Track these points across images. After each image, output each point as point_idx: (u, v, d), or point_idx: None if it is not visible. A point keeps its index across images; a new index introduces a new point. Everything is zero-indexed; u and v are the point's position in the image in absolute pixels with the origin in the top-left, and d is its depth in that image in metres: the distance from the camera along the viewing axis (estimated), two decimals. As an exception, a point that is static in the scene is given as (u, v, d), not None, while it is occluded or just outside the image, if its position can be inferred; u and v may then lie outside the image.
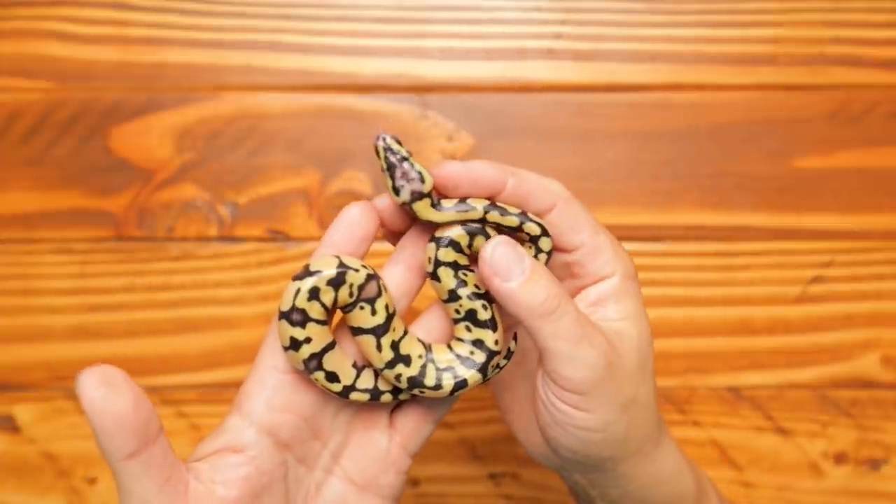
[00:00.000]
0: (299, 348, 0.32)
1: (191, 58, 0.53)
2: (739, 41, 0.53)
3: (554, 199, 0.34)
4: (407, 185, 0.32)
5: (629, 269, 0.35)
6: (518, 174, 0.34)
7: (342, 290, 0.32)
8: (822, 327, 0.53)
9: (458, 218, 0.33)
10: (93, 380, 0.30)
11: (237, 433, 0.33)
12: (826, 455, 0.54)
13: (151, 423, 0.30)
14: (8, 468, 0.53)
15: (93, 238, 0.53)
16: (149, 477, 0.31)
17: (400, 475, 0.36)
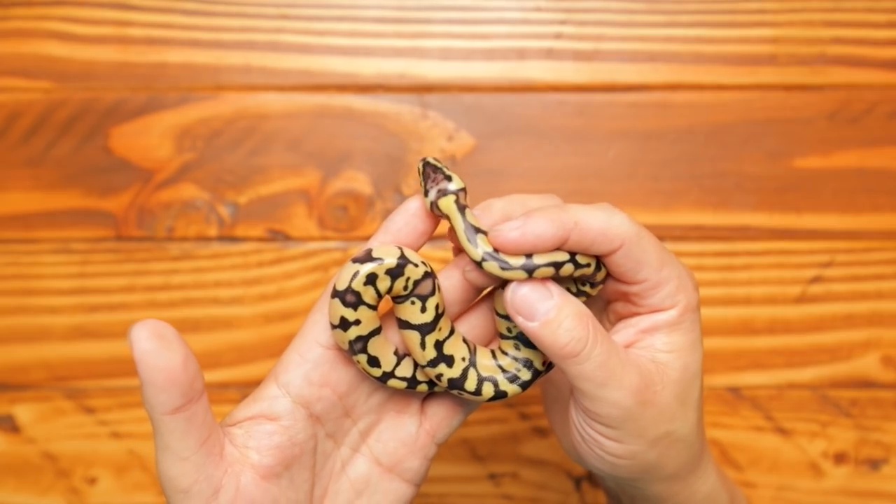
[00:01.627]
0: (348, 329, 0.32)
1: (191, 58, 0.53)
2: (739, 41, 0.53)
3: (619, 242, 0.32)
4: (435, 186, 0.33)
5: (691, 302, 0.34)
6: (579, 223, 0.32)
7: (398, 281, 0.32)
8: (822, 327, 0.53)
9: (461, 244, 0.33)
10: (145, 332, 0.30)
11: (273, 402, 0.33)
12: (826, 455, 0.54)
13: (197, 380, 0.31)
14: (8, 468, 0.53)
15: (93, 238, 0.53)
16: (189, 434, 0.31)
17: (425, 462, 0.36)
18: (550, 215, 0.32)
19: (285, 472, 0.34)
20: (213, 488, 0.32)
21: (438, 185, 0.33)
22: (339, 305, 0.32)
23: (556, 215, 0.32)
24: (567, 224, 0.32)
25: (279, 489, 0.33)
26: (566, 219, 0.32)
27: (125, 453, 0.53)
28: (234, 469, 0.33)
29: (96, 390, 0.53)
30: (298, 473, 0.34)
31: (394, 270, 0.32)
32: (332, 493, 0.35)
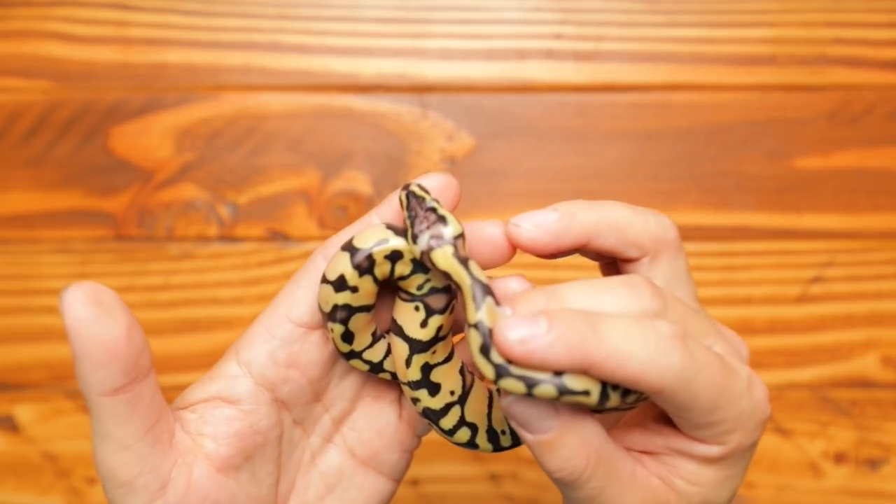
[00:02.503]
0: (341, 290, 0.28)
1: (191, 58, 0.53)
2: (739, 41, 0.53)
3: (658, 388, 0.26)
4: (426, 229, 0.28)
5: (743, 443, 0.28)
6: (609, 358, 0.25)
7: (420, 273, 0.29)
8: (822, 327, 0.53)
9: (448, 269, 0.27)
10: (80, 297, 0.25)
11: (232, 382, 0.30)
12: (826, 455, 0.54)
13: (143, 356, 0.27)
14: (8, 468, 0.53)
15: (93, 238, 0.53)
16: (132, 419, 0.27)
17: (405, 455, 0.33)
18: (569, 335, 0.25)
19: (245, 463, 0.30)
20: (159, 482, 0.28)
21: (431, 230, 0.28)
22: (346, 260, 0.28)
23: (578, 334, 0.25)
24: (589, 355, 0.25)
25: (238, 483, 0.29)
26: (591, 346, 0.25)
27: (125, 453, 0.53)
28: (186, 460, 0.29)
29: (96, 390, 0.53)
30: (261, 465, 0.30)
31: (420, 263, 0.28)
32: (301, 488, 0.32)
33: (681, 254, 0.31)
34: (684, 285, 0.30)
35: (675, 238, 0.30)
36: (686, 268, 0.31)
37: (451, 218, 0.28)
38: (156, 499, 0.28)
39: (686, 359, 0.25)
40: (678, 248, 0.30)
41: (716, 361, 0.26)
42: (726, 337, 0.29)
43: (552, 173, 0.53)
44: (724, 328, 0.30)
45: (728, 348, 0.29)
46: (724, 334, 0.30)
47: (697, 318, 0.28)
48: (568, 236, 0.29)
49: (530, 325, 0.25)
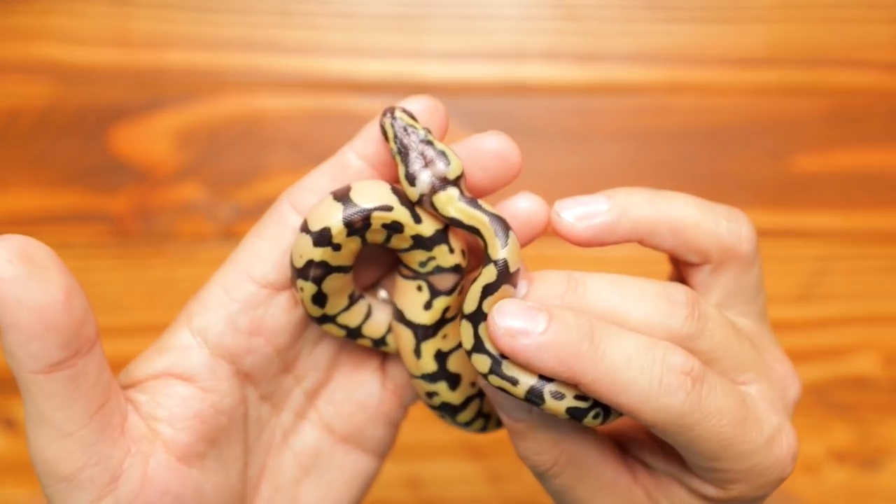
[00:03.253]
0: (321, 245, 0.24)
1: (191, 58, 0.53)
2: (739, 41, 0.53)
3: (654, 424, 0.23)
4: (425, 170, 0.24)
5: (748, 494, 0.26)
6: (602, 378, 0.23)
7: (421, 249, 0.25)
8: (822, 327, 0.53)
9: (461, 216, 0.24)
10: (5, 252, 0.21)
11: (184, 354, 0.25)
12: (826, 455, 0.54)
13: (87, 325, 0.22)
14: (7, 468, 0.53)
15: (93, 238, 0.53)
16: (75, 401, 0.22)
17: (390, 428, 0.29)
18: (564, 344, 0.23)
19: (210, 449, 0.25)
20: (109, 475, 0.23)
21: (431, 168, 0.24)
22: (338, 213, 0.24)
23: (573, 346, 0.23)
24: (580, 371, 0.23)
25: (203, 473, 0.25)
26: (585, 362, 0.22)
27: (125, 453, 0.53)
28: (141, 448, 0.24)
29: (96, 390, 0.53)
30: (228, 450, 0.26)
31: (423, 240, 0.25)
32: (272, 471, 0.28)
33: (753, 267, 0.27)
34: (748, 303, 0.27)
35: (749, 249, 0.26)
36: (757, 282, 0.27)
37: (451, 153, 0.24)
38: (105, 495, 0.23)
39: (689, 402, 0.23)
40: (751, 260, 0.26)
41: (731, 410, 0.24)
42: (773, 375, 0.27)
43: (552, 173, 0.53)
44: (778, 363, 0.27)
45: (769, 390, 0.26)
46: (774, 371, 0.27)
47: (739, 349, 0.25)
48: (614, 234, 0.26)
49: (526, 319, 0.23)
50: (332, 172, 0.25)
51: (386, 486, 0.52)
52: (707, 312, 0.25)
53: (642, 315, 0.24)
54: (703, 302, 0.25)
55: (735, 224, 0.27)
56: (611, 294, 0.24)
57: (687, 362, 0.23)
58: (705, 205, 0.27)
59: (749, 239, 0.26)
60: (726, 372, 0.25)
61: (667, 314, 0.24)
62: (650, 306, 0.24)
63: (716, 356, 0.25)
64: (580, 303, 0.24)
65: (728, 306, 0.27)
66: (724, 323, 0.25)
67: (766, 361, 0.26)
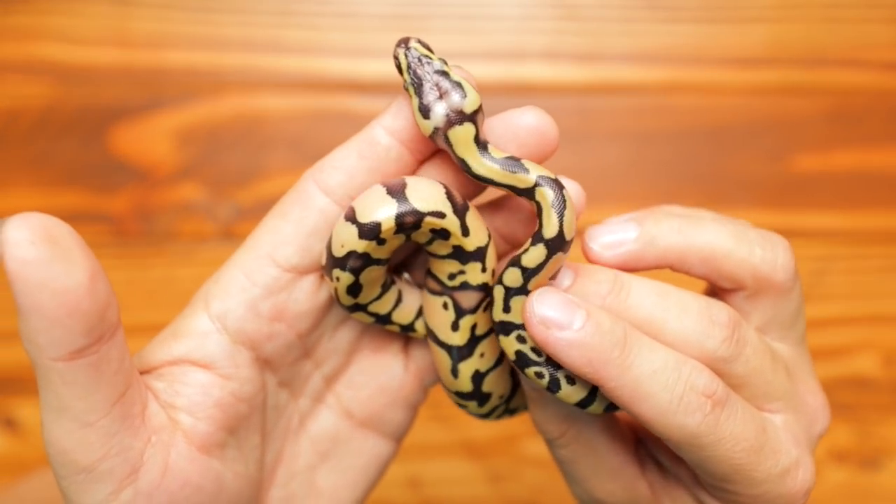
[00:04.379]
0: (368, 238, 0.23)
1: (191, 58, 0.53)
2: (739, 41, 0.53)
3: (669, 439, 0.23)
4: (440, 101, 0.23)
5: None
6: (628, 386, 0.23)
7: (456, 260, 0.24)
8: (822, 327, 0.53)
9: (503, 180, 0.24)
10: (27, 233, 0.19)
11: (203, 340, 0.24)
12: (826, 455, 0.54)
13: (111, 309, 0.21)
14: (8, 468, 0.53)
15: (93, 237, 0.53)
16: (97, 388, 0.21)
17: (410, 411, 0.28)
18: (595, 347, 0.23)
19: (230, 438, 0.24)
20: (130, 466, 0.22)
21: (448, 102, 0.23)
22: (390, 212, 0.22)
23: (604, 350, 0.23)
24: (605, 375, 0.23)
25: (223, 462, 0.24)
26: (612, 368, 0.23)
27: (125, 453, 0.53)
28: (161, 438, 0.23)
29: (96, 390, 0.53)
30: (246, 438, 0.25)
31: (462, 253, 0.23)
32: (289, 456, 0.27)
33: (791, 293, 0.26)
34: (787, 328, 0.26)
35: (785, 278, 0.25)
36: (796, 308, 0.26)
37: (468, 85, 0.23)
38: (124, 486, 0.22)
39: (705, 425, 0.23)
40: (788, 288, 0.25)
41: (747, 437, 0.23)
42: (803, 408, 0.26)
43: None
44: (811, 395, 0.27)
45: (795, 422, 0.26)
46: (805, 403, 0.26)
47: (772, 377, 0.25)
48: (642, 262, 0.25)
49: (564, 312, 0.22)
50: (359, 149, 0.24)
51: (386, 486, 0.52)
52: (746, 337, 0.24)
53: (680, 330, 0.24)
54: (745, 325, 0.25)
55: (770, 253, 0.25)
56: (653, 303, 0.24)
57: (710, 385, 0.23)
58: (739, 231, 0.26)
59: (785, 267, 0.25)
60: (755, 398, 0.25)
61: (705, 333, 0.24)
62: (690, 323, 0.24)
63: (747, 381, 0.24)
64: (621, 307, 0.24)
65: (765, 331, 0.26)
66: (761, 349, 0.25)
67: (798, 392, 0.26)
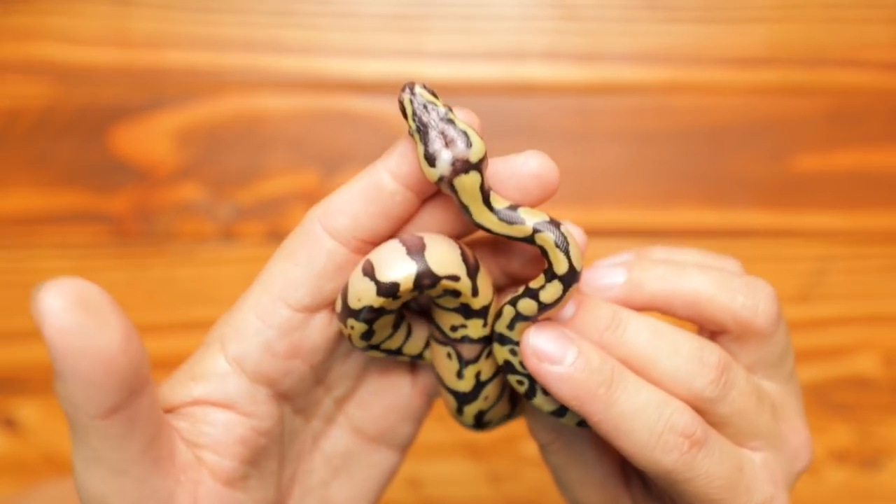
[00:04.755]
0: (386, 295, 0.24)
1: (191, 58, 0.53)
2: (739, 41, 0.53)
3: (650, 470, 0.25)
4: (446, 150, 0.23)
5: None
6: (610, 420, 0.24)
7: (460, 315, 0.25)
8: (822, 327, 0.53)
9: (501, 231, 0.24)
10: (61, 300, 0.20)
11: (222, 382, 0.25)
12: (826, 455, 0.54)
13: (143, 363, 0.22)
14: (8, 468, 0.53)
15: (93, 238, 0.53)
16: (130, 439, 0.22)
17: (417, 424, 0.30)
18: (584, 383, 0.24)
19: (252, 469, 0.25)
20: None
21: (453, 151, 0.23)
22: (412, 275, 0.23)
23: (592, 387, 0.24)
24: (590, 409, 0.24)
25: (246, 493, 0.25)
26: (597, 404, 0.24)
27: (125, 453, 0.53)
28: (189, 476, 0.24)
29: (96, 390, 0.53)
30: (266, 466, 0.26)
31: (467, 310, 0.25)
32: (303, 475, 0.28)
33: (774, 337, 0.27)
34: (773, 367, 0.28)
35: (766, 324, 0.27)
36: (781, 350, 0.27)
37: (473, 133, 0.23)
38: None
39: (681, 463, 0.24)
40: (770, 333, 0.27)
41: (722, 475, 0.25)
42: (784, 446, 0.27)
43: (552, 173, 0.53)
44: (794, 433, 0.28)
45: (774, 460, 0.27)
46: (786, 442, 0.27)
47: (756, 418, 0.26)
48: (630, 305, 0.27)
49: (557, 347, 0.24)
50: (364, 195, 0.24)
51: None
52: (734, 380, 0.25)
53: (671, 368, 0.25)
54: (735, 368, 0.26)
55: (751, 300, 0.26)
56: (647, 341, 0.25)
57: (690, 425, 0.24)
58: (722, 278, 0.27)
59: (766, 314, 0.27)
60: (737, 436, 0.26)
61: (694, 374, 0.25)
62: (680, 362, 0.25)
63: (731, 421, 0.26)
64: (617, 341, 0.25)
65: (753, 370, 0.28)
66: (748, 391, 0.26)
67: (780, 431, 0.27)
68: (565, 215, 0.53)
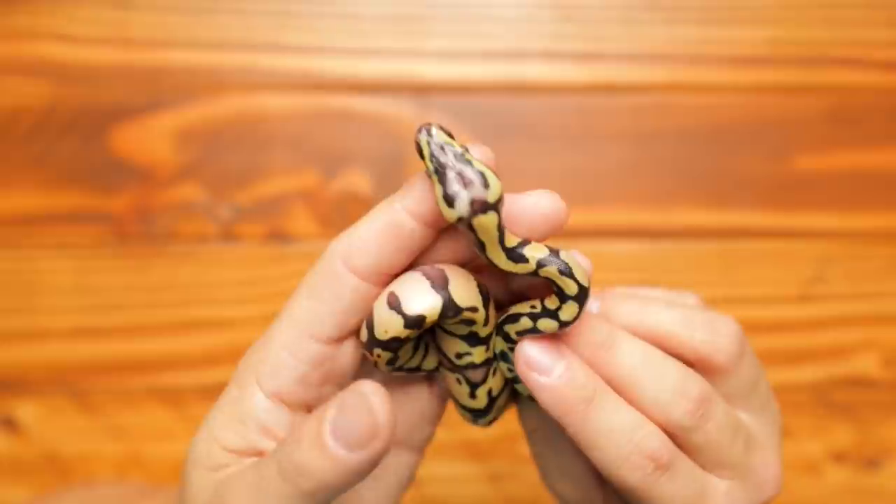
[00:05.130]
0: (412, 327, 0.25)
1: (191, 58, 0.53)
2: (739, 41, 0.53)
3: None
4: (464, 191, 0.23)
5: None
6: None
7: (465, 343, 0.27)
8: (822, 327, 0.53)
9: (508, 268, 0.25)
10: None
11: (269, 417, 0.26)
12: (826, 455, 0.54)
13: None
14: (8, 468, 0.53)
15: (93, 238, 0.53)
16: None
17: (435, 425, 0.31)
18: (566, 397, 0.26)
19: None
20: None
21: (471, 192, 0.23)
22: (437, 308, 0.25)
23: (572, 402, 0.26)
24: (567, 419, 0.26)
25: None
26: (574, 417, 0.26)
27: (125, 453, 0.53)
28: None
29: (96, 390, 0.53)
30: None
31: (475, 337, 0.26)
32: None
33: (737, 372, 0.28)
34: (743, 399, 0.29)
35: (726, 360, 0.28)
36: (747, 381, 0.29)
37: (490, 174, 0.23)
38: None
39: (644, 483, 0.26)
40: (729, 369, 0.28)
41: (684, 498, 0.27)
42: (752, 478, 0.28)
43: (552, 173, 0.53)
44: (763, 466, 0.29)
45: (740, 490, 0.28)
46: (755, 474, 0.29)
47: (729, 450, 0.27)
48: None
49: (548, 360, 0.26)
50: (385, 235, 0.25)
51: (386, 486, 0.52)
52: (711, 412, 0.27)
53: (652, 394, 0.27)
54: (715, 401, 0.27)
55: (711, 335, 0.28)
56: (635, 364, 0.27)
57: (659, 450, 0.26)
58: (686, 316, 0.28)
59: (726, 351, 0.28)
60: (707, 463, 0.28)
61: (673, 402, 0.26)
62: (662, 390, 0.27)
63: (703, 449, 0.27)
64: (608, 361, 0.27)
65: (728, 401, 0.29)
66: (724, 424, 0.27)
67: (751, 464, 0.28)
68: (565, 215, 0.53)
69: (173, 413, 0.53)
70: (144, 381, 0.53)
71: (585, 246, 0.53)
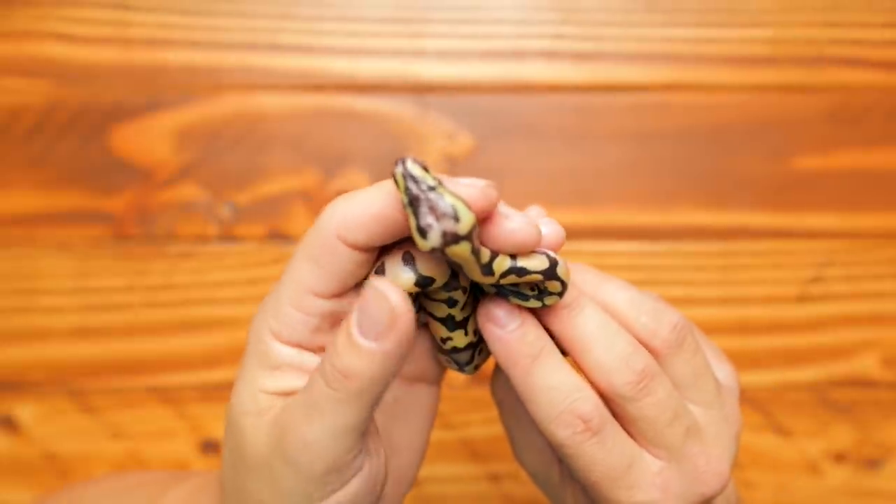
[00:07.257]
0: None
1: (191, 58, 0.53)
2: (738, 41, 0.53)
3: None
4: (436, 223, 0.24)
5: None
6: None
7: (444, 327, 0.29)
8: (822, 327, 0.53)
9: (492, 283, 0.27)
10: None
11: (295, 358, 0.28)
12: (826, 455, 0.54)
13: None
14: (8, 468, 0.53)
15: (93, 238, 0.53)
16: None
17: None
18: (516, 350, 0.28)
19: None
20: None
21: (442, 224, 0.24)
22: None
23: (520, 358, 0.28)
24: (512, 371, 0.29)
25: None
26: (518, 370, 0.29)
27: (125, 453, 0.53)
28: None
29: (96, 390, 0.53)
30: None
31: (453, 321, 0.28)
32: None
33: (677, 359, 0.29)
34: (687, 390, 0.30)
35: (662, 345, 0.29)
36: (691, 373, 0.30)
37: (462, 206, 0.24)
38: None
39: (571, 440, 0.28)
40: (669, 354, 0.29)
41: (607, 465, 0.28)
42: (687, 466, 0.29)
43: (552, 173, 0.53)
44: (703, 459, 0.30)
45: (674, 475, 0.29)
46: (690, 462, 0.29)
47: (666, 430, 0.29)
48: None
49: (506, 316, 0.28)
50: (378, 218, 0.27)
51: (386, 486, 0.52)
52: (653, 388, 0.28)
53: (599, 359, 0.28)
54: (659, 379, 0.29)
55: (652, 321, 0.29)
56: (591, 330, 0.29)
57: (590, 412, 0.28)
58: (635, 298, 0.30)
59: (663, 337, 0.29)
60: (642, 438, 0.29)
61: (616, 371, 0.28)
62: (610, 358, 0.28)
63: (637, 423, 0.29)
64: (567, 321, 0.29)
65: (676, 389, 0.30)
66: (664, 404, 0.29)
67: (689, 452, 0.29)
68: (565, 216, 0.53)
69: (173, 413, 0.53)
70: (144, 381, 0.53)
71: (585, 246, 0.53)
